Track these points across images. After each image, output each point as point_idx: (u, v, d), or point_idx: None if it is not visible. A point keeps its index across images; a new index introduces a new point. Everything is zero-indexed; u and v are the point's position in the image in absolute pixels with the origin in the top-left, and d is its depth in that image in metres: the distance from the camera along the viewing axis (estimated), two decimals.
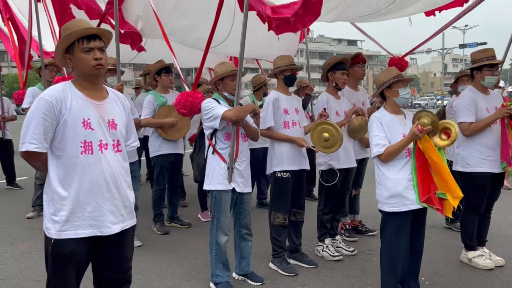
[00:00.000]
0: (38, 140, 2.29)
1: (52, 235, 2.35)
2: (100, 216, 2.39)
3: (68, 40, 2.35)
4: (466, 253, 4.29)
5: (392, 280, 3.41)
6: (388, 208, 3.34)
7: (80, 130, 2.34)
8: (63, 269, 2.38)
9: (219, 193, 3.62)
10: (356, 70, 4.82)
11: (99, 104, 2.44)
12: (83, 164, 2.34)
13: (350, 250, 4.56)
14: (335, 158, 4.31)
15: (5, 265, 4.24)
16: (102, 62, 2.40)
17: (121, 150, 2.51)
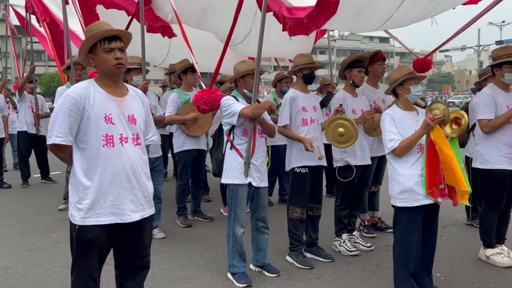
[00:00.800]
0: (64, 134, 2.47)
1: (76, 222, 2.53)
2: (121, 205, 2.56)
3: (91, 41, 2.53)
4: (484, 251, 4.28)
5: (404, 274, 3.46)
6: (400, 203, 3.40)
7: (102, 124, 2.51)
8: (86, 254, 2.57)
9: (236, 187, 3.76)
10: (375, 68, 4.87)
11: (119, 100, 2.61)
12: (105, 156, 2.51)
13: (368, 246, 4.62)
14: (352, 155, 4.38)
15: (37, 253, 4.51)
16: (122, 61, 2.56)
17: (140, 143, 2.68)
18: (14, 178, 8.26)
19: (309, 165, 4.14)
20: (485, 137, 4.13)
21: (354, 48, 79.60)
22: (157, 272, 3.97)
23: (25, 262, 4.25)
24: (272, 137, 4.12)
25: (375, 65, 4.85)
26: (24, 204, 6.60)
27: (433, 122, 3.24)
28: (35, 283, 3.77)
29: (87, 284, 2.61)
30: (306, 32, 3.52)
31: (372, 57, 4.84)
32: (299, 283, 3.79)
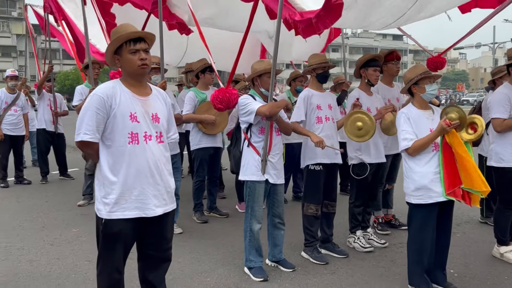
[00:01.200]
0: (91, 131, 2.59)
1: (103, 216, 2.65)
2: (145, 200, 2.66)
3: (117, 42, 2.64)
4: (498, 248, 4.32)
5: (418, 270, 3.53)
6: (414, 200, 3.47)
7: (127, 122, 2.62)
8: (112, 246, 2.68)
9: (253, 184, 3.85)
10: (390, 67, 4.92)
11: (144, 99, 2.71)
12: (130, 153, 2.62)
13: (382, 243, 4.68)
14: (366, 153, 4.44)
15: (60, 247, 4.65)
16: (147, 62, 2.67)
17: (163, 141, 2.78)
18: (33, 174, 8.46)
19: (323, 162, 4.21)
20: (500, 135, 4.17)
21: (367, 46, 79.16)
22: (176, 266, 4.07)
23: (48, 255, 4.40)
24: (289, 135, 4.20)
25: (390, 64, 4.90)
26: (44, 200, 6.77)
27: (449, 128, 3.30)
28: (59, 275, 3.91)
29: (112, 276, 2.73)
30: (316, 32, 3.59)
31: (387, 56, 4.89)
32: (314, 278, 3.87)
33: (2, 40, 60.16)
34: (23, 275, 3.91)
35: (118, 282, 2.76)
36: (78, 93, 6.43)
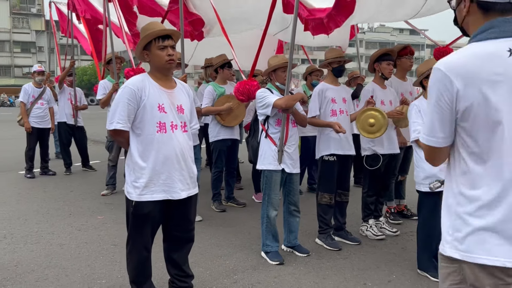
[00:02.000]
0: (123, 121, 2.82)
1: (133, 198, 2.88)
2: (172, 184, 2.90)
3: (147, 39, 2.86)
4: None
5: (427, 256, 3.71)
6: (424, 188, 3.64)
7: (156, 113, 2.85)
8: (141, 226, 2.92)
9: (270, 173, 4.06)
10: (403, 61, 5.07)
11: (170, 92, 2.94)
12: (158, 141, 2.85)
13: (393, 231, 4.85)
14: (379, 144, 4.61)
15: (87, 232, 4.93)
16: (174, 57, 2.90)
17: (187, 130, 3.01)
18: (58, 166, 8.79)
19: (337, 153, 4.40)
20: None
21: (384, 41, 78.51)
22: (197, 250, 4.31)
23: (77, 240, 4.67)
24: (304, 127, 4.39)
25: (404, 59, 5.06)
26: (69, 190, 7.08)
27: None
28: (87, 257, 4.18)
29: (142, 253, 2.97)
30: (327, 32, 3.77)
31: (400, 51, 5.05)
32: (327, 262, 4.07)
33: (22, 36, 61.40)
34: (54, 256, 4.19)
35: (147, 259, 3.01)
36: (102, 87, 6.70)
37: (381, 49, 4.83)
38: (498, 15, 1.61)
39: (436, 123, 1.65)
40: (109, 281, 3.67)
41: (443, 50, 5.75)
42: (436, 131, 1.66)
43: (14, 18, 61.71)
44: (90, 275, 3.79)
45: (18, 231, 4.95)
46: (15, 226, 5.11)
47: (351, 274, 3.83)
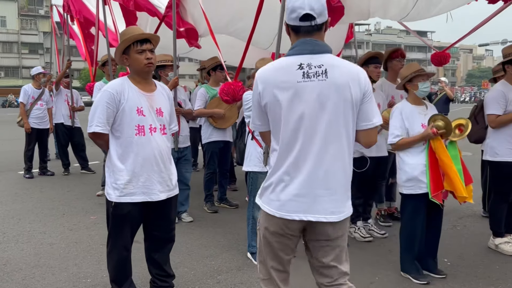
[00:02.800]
0: (102, 124, 2.87)
1: (112, 199, 2.94)
2: (150, 186, 2.94)
3: (125, 43, 2.92)
4: (493, 240, 4.47)
5: (409, 257, 3.74)
6: (405, 190, 3.67)
7: (135, 116, 2.90)
8: (120, 226, 2.97)
9: (255, 174, 4.09)
10: (395, 64, 5.09)
11: (149, 95, 2.99)
12: (137, 143, 2.90)
13: (382, 233, 4.87)
14: None
15: (78, 232, 5.00)
16: (152, 61, 2.95)
17: (166, 133, 3.07)
18: (56, 166, 8.88)
19: None
20: (495, 130, 4.31)
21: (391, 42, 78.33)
22: (184, 250, 4.36)
23: (67, 239, 4.74)
24: None
25: (395, 61, 5.08)
26: (65, 190, 7.17)
27: (434, 136, 3.50)
28: (76, 257, 4.24)
29: (121, 253, 3.03)
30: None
31: (392, 53, 5.07)
32: None
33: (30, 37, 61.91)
34: (43, 256, 4.26)
35: (126, 258, 3.06)
36: (97, 89, 6.75)
37: (369, 52, 4.86)
38: (304, 35, 2.13)
39: (254, 114, 2.29)
40: (94, 280, 3.73)
41: (440, 55, 5.78)
42: (255, 120, 2.31)
43: (22, 19, 62.26)
44: (76, 274, 3.85)
45: (11, 230, 5.03)
46: (8, 226, 5.20)
47: None
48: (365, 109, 2.18)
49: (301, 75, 2.08)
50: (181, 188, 5.45)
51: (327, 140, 2.12)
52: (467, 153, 10.65)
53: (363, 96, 2.15)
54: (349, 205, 2.27)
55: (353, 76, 2.13)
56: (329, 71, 2.09)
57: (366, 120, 2.19)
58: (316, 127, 2.10)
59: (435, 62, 5.62)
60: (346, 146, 2.17)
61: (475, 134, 5.38)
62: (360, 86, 2.13)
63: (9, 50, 61.51)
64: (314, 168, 2.11)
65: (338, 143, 2.15)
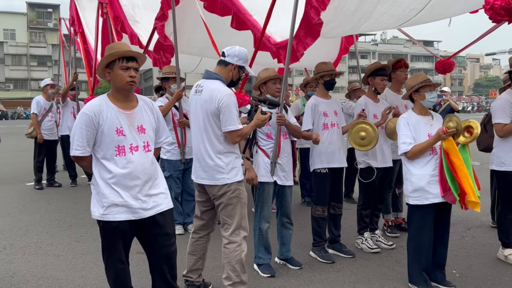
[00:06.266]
0: (82, 147, 2.83)
1: (96, 217, 2.90)
2: (134, 205, 2.87)
3: (111, 57, 2.87)
4: (502, 251, 4.42)
5: (417, 268, 3.70)
6: (412, 201, 3.65)
7: (114, 136, 2.85)
8: (111, 241, 2.93)
9: (262, 185, 4.09)
10: (398, 74, 5.08)
11: (129, 113, 2.93)
12: (117, 164, 2.85)
13: (389, 244, 4.84)
14: (373, 157, 4.63)
15: (85, 243, 5.01)
16: (135, 80, 2.90)
17: (151, 150, 3.01)
18: (64, 178, 8.94)
19: (329, 167, 4.42)
20: (502, 140, 4.28)
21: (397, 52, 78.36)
22: None
23: (74, 251, 4.75)
24: (297, 138, 4.42)
25: (398, 72, 5.07)
26: (73, 201, 7.20)
27: (445, 135, 3.48)
28: (82, 268, 4.25)
29: (117, 266, 2.98)
30: (297, 57, 3.84)
31: (395, 64, 5.07)
32: (319, 275, 4.08)
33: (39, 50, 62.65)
34: (50, 267, 4.27)
35: (123, 271, 3.01)
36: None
37: (376, 63, 4.86)
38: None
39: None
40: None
41: (444, 63, 5.77)
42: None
43: (31, 32, 63.09)
44: (83, 286, 3.85)
45: (18, 242, 5.05)
46: (15, 237, 5.22)
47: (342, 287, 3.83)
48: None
49: None
50: (187, 199, 5.53)
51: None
52: (475, 162, 10.59)
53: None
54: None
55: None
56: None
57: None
58: None
59: (440, 71, 5.61)
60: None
61: (483, 143, 5.39)
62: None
63: (18, 62, 62.24)
64: None
65: None
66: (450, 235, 3.86)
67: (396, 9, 4.14)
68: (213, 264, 4.33)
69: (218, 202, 3.47)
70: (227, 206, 3.44)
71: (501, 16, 2.88)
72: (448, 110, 9.54)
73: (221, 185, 3.40)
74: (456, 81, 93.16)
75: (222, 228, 3.55)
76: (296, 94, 40.91)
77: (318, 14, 3.63)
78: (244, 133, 3.46)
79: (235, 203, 3.44)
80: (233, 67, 3.49)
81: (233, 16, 4.53)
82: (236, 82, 3.62)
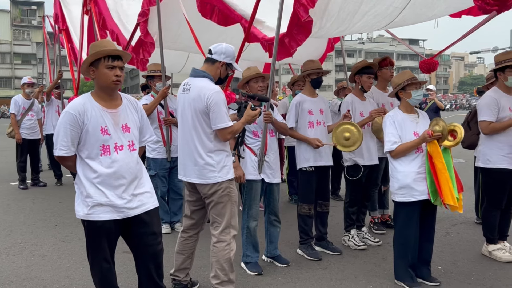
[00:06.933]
0: (66, 147, 2.79)
1: (80, 217, 2.86)
2: (119, 204, 2.84)
3: (96, 55, 2.83)
4: (487, 246, 4.48)
5: (403, 264, 3.73)
6: (398, 198, 3.67)
7: (99, 136, 2.81)
8: (96, 240, 2.89)
9: (250, 183, 4.08)
10: (384, 72, 5.11)
11: (113, 112, 2.90)
12: (102, 163, 2.81)
13: (375, 241, 4.87)
14: (359, 155, 4.65)
15: (70, 243, 4.96)
16: (120, 79, 2.87)
17: (136, 148, 2.98)
18: (49, 177, 8.82)
19: (315, 165, 4.43)
20: (487, 137, 4.33)
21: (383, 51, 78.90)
22: None
23: (60, 251, 4.69)
24: (285, 135, 4.43)
25: (384, 70, 5.10)
26: (58, 201, 7.12)
27: (430, 138, 3.52)
28: (68, 268, 4.20)
29: (102, 265, 2.94)
30: (290, 53, 3.84)
31: (381, 62, 5.10)
32: (306, 273, 4.09)
33: (23, 48, 61.76)
34: (35, 268, 4.21)
35: (109, 270, 2.97)
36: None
37: (363, 61, 4.88)
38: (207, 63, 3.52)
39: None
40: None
41: (428, 62, 5.82)
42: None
43: (15, 30, 62.17)
44: (68, 286, 3.81)
45: (2, 242, 4.98)
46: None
47: (328, 284, 3.84)
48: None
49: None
50: (174, 198, 5.50)
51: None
52: (460, 160, 10.74)
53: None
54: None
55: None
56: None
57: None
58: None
59: (424, 70, 5.67)
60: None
61: (467, 140, 5.45)
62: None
63: (2, 60, 61.31)
64: None
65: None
66: (435, 232, 3.90)
67: (380, 8, 4.16)
68: (200, 263, 4.31)
69: (209, 201, 3.44)
70: (218, 204, 3.41)
71: (490, 6, 2.90)
72: (433, 108, 9.62)
73: (212, 184, 3.37)
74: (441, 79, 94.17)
75: (212, 227, 3.51)
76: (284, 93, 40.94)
77: (306, 12, 3.64)
78: (235, 130, 3.44)
79: (226, 201, 3.41)
80: (220, 64, 3.46)
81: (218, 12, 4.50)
82: (224, 79, 3.60)
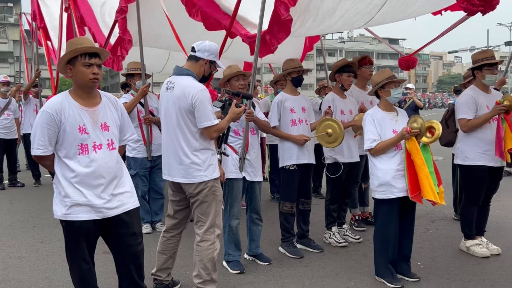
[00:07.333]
0: (43, 146, 2.74)
1: (59, 217, 2.80)
2: (97, 204, 2.79)
3: (73, 53, 2.77)
4: (464, 242, 4.56)
5: (384, 261, 3.78)
6: (378, 195, 3.71)
7: (77, 135, 2.76)
8: (75, 240, 2.84)
9: (231, 181, 4.07)
10: (363, 71, 5.17)
11: (92, 110, 2.84)
12: (80, 162, 2.77)
13: (356, 238, 4.92)
14: (340, 153, 4.68)
15: (49, 244, 4.87)
16: (98, 76, 2.81)
17: (115, 147, 2.93)
18: (27, 177, 8.67)
19: (297, 163, 4.44)
20: (466, 135, 4.40)
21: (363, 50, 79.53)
22: None
23: (38, 252, 4.61)
24: (267, 133, 4.43)
25: (363, 68, 5.16)
26: (36, 201, 7.00)
27: (408, 135, 3.56)
28: (46, 270, 4.13)
29: (81, 266, 2.88)
30: (271, 50, 3.85)
31: (360, 60, 5.15)
32: (288, 270, 4.10)
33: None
34: (12, 270, 4.13)
35: (88, 271, 2.92)
36: None
37: (342, 60, 4.91)
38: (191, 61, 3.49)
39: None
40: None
41: (407, 59, 5.90)
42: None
43: None
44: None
45: None
46: None
47: (310, 282, 3.86)
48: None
49: None
50: (155, 197, 5.46)
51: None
52: (438, 157, 10.89)
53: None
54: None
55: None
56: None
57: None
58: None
59: (403, 67, 5.75)
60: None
61: (445, 138, 5.54)
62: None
63: None
64: None
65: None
66: (415, 228, 3.96)
67: (360, 6, 4.19)
68: (182, 262, 4.29)
69: (194, 200, 3.41)
70: (203, 203, 3.38)
71: (476, 7, 2.94)
72: (412, 106, 9.74)
73: (198, 183, 3.34)
74: (420, 78, 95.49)
75: (196, 226, 3.48)
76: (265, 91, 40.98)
77: (287, 10, 3.65)
78: (220, 128, 3.41)
79: (211, 200, 3.39)
80: (204, 62, 3.44)
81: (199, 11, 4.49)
82: (207, 77, 3.58)
